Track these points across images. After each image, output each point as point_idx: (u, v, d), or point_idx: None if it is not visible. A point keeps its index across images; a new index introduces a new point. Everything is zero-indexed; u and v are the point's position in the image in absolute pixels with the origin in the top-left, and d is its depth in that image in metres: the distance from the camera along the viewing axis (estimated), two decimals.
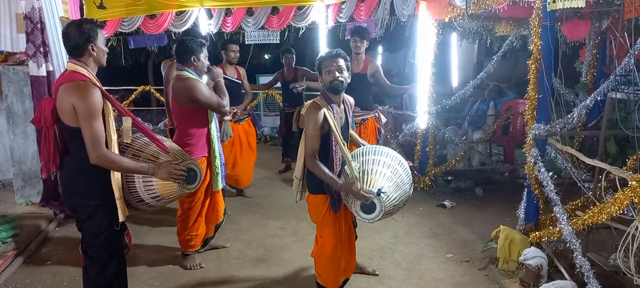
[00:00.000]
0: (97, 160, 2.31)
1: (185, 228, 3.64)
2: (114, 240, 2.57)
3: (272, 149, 8.41)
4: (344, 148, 2.75)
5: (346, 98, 3.01)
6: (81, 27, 2.37)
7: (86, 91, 2.30)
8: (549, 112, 3.54)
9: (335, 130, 2.74)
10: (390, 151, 2.94)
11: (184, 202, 3.59)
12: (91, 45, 2.39)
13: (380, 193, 2.61)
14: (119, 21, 8.43)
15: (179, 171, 2.52)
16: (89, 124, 2.28)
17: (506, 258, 3.63)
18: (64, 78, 2.38)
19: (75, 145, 2.39)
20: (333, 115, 2.77)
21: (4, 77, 4.59)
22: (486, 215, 4.89)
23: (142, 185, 2.56)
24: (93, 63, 2.44)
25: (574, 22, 5.33)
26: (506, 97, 7.11)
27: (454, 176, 6.08)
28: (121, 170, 2.44)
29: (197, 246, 3.74)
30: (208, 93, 3.38)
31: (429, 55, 5.50)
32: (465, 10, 4.54)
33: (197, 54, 3.38)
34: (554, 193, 3.31)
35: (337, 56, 2.81)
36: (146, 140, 2.64)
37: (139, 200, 2.60)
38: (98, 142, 2.29)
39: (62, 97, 2.32)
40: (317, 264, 3.07)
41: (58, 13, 4.58)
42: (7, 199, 4.79)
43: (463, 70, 13.65)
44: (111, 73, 12.22)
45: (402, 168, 2.87)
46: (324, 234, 2.95)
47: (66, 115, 2.33)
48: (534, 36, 3.51)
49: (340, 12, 7.19)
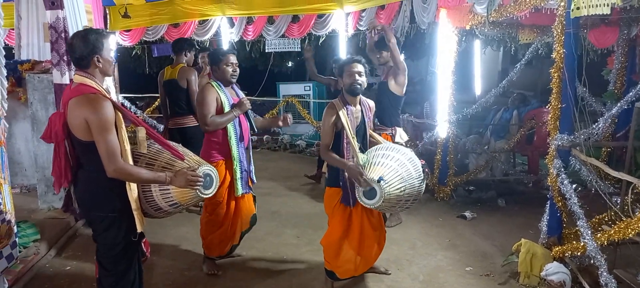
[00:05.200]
0: (114, 173, 2.28)
1: (209, 232, 3.64)
2: (130, 251, 2.56)
3: (291, 157, 8.40)
4: (354, 143, 3.06)
5: (364, 100, 3.33)
6: (86, 38, 2.32)
7: (98, 104, 2.25)
8: (572, 122, 3.42)
9: (347, 129, 3.08)
10: (402, 148, 3.17)
11: (207, 206, 3.61)
12: (97, 56, 2.33)
13: (380, 180, 2.86)
14: (143, 30, 8.64)
15: (196, 177, 2.48)
16: (103, 138, 2.24)
17: (527, 273, 3.50)
18: (73, 91, 2.32)
19: (89, 159, 2.36)
20: (348, 116, 3.11)
21: (29, 84, 4.71)
22: (508, 227, 4.75)
23: (160, 193, 2.55)
24: (100, 74, 2.38)
25: (601, 29, 5.17)
26: (530, 106, 6.93)
27: (476, 186, 5.95)
28: (139, 181, 2.42)
29: (222, 252, 3.71)
30: (207, 106, 3.37)
31: (449, 63, 5.42)
32: (486, 18, 4.45)
33: (218, 64, 3.51)
34: (578, 207, 3.18)
35: (357, 61, 3.17)
36: (159, 147, 2.62)
37: (157, 208, 2.59)
38: (114, 155, 2.26)
39: (74, 112, 2.28)
40: (325, 252, 3.34)
41: (82, 22, 4.69)
42: (31, 204, 4.89)
43: (487, 78, 13.47)
44: (136, 80, 12.53)
45: (412, 163, 3.05)
46: (332, 224, 3.29)
47: (78, 129, 2.29)
48: (556, 44, 3.41)
49: (360, 20, 7.19)
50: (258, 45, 9.01)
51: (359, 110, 3.24)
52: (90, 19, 5.03)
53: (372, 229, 3.30)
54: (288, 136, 9.11)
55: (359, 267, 3.35)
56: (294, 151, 8.72)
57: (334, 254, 3.27)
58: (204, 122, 3.40)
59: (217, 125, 3.42)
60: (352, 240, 3.26)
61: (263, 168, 7.17)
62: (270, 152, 8.76)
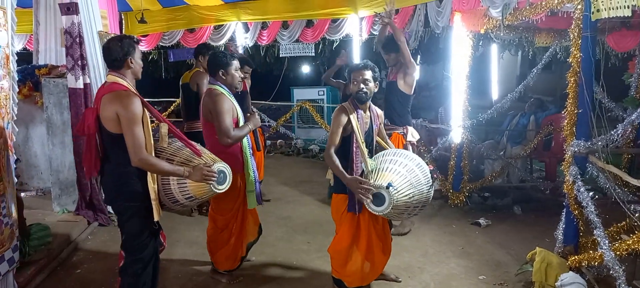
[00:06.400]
0: (139, 163, 2.52)
1: (217, 249, 3.57)
2: (152, 239, 2.80)
3: (303, 162, 8.38)
4: (362, 147, 3.00)
5: (374, 108, 3.27)
6: (121, 42, 2.62)
7: (128, 100, 2.51)
8: (589, 128, 3.31)
9: (357, 133, 3.01)
10: (411, 154, 3.12)
11: (218, 221, 3.51)
12: (130, 58, 2.63)
13: (389, 186, 2.80)
14: (159, 35, 8.75)
15: (211, 173, 2.69)
16: (131, 130, 2.49)
17: (542, 283, 3.40)
18: (106, 89, 2.60)
19: (116, 152, 2.60)
20: (358, 120, 3.05)
21: (45, 89, 4.78)
22: (524, 236, 4.64)
23: (177, 186, 2.75)
24: (131, 75, 2.68)
25: (621, 32, 5.03)
26: (548, 111, 6.79)
27: (491, 193, 5.83)
28: (160, 172, 2.65)
29: (233, 266, 3.64)
30: (227, 116, 3.23)
31: (464, 68, 5.33)
32: (501, 22, 4.37)
33: (227, 68, 3.37)
34: (595, 215, 3.08)
35: (364, 68, 3.10)
36: (179, 145, 2.83)
37: (174, 201, 2.79)
38: (139, 146, 2.50)
39: (106, 106, 2.53)
40: (332, 260, 3.28)
41: (96, 28, 4.75)
42: (46, 207, 4.96)
43: (505, 83, 13.27)
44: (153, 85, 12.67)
45: (420, 170, 2.99)
46: (340, 232, 3.20)
47: (109, 122, 2.54)
48: (573, 47, 3.32)
49: (374, 24, 7.14)
50: (273, 50, 9.05)
51: (368, 116, 3.19)
52: (105, 25, 5.09)
53: (377, 237, 3.23)
54: (301, 141, 9.10)
55: (368, 275, 3.27)
56: (307, 156, 8.69)
57: (343, 262, 3.19)
58: (229, 135, 3.20)
59: (237, 139, 3.30)
60: (360, 248, 3.17)
61: (276, 173, 7.17)
62: (283, 157, 8.75)
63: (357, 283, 3.24)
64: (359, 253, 3.18)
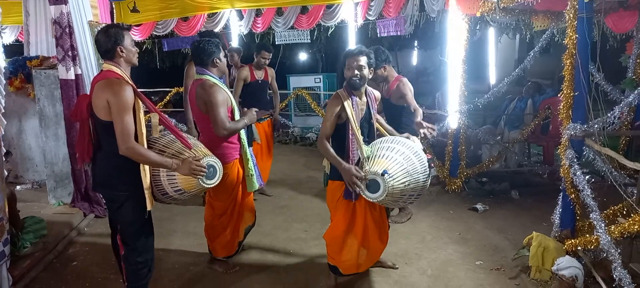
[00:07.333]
0: (126, 151, 2.50)
1: (214, 236, 3.57)
2: (147, 228, 2.81)
3: (300, 150, 8.35)
4: (358, 135, 2.95)
5: (370, 91, 3.22)
6: (108, 32, 2.61)
7: (119, 87, 2.51)
8: (585, 110, 3.28)
9: (352, 121, 2.96)
10: (408, 142, 3.04)
11: (216, 207, 3.49)
12: (119, 47, 2.62)
13: (384, 173, 2.76)
14: (153, 24, 8.64)
15: (200, 167, 2.66)
16: (120, 118, 2.48)
17: (539, 268, 3.39)
18: (100, 77, 2.61)
19: (107, 140, 2.60)
20: (353, 107, 2.99)
21: (36, 80, 4.72)
22: (521, 220, 4.63)
23: (166, 179, 2.72)
24: (124, 63, 2.66)
25: (619, 13, 4.96)
26: (546, 95, 6.73)
27: (489, 178, 5.81)
28: (147, 162, 2.62)
29: (230, 252, 3.65)
30: (222, 108, 3.18)
31: (460, 52, 5.28)
32: (497, 4, 4.31)
33: (218, 55, 3.28)
34: (591, 199, 3.06)
35: (359, 54, 3.00)
36: (172, 137, 2.80)
37: (164, 193, 2.75)
38: (128, 134, 2.49)
39: (98, 93, 2.54)
40: (328, 247, 3.26)
41: (86, 17, 4.68)
42: (41, 199, 4.93)
43: (503, 67, 13.20)
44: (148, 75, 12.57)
45: (417, 157, 2.94)
46: (335, 218, 3.20)
47: (100, 110, 2.54)
48: (569, 29, 3.27)
49: (370, 10, 7.07)
50: (268, 37, 8.96)
51: (364, 102, 3.12)
52: (95, 14, 5.02)
53: (374, 224, 3.21)
54: (298, 129, 9.06)
55: (363, 262, 3.27)
56: (304, 144, 8.66)
57: (338, 249, 3.18)
58: (224, 127, 3.16)
59: (233, 132, 3.28)
60: (356, 235, 3.16)
61: (273, 162, 7.12)
62: (281, 145, 8.71)
63: (353, 270, 3.25)
64: (355, 240, 3.17)
